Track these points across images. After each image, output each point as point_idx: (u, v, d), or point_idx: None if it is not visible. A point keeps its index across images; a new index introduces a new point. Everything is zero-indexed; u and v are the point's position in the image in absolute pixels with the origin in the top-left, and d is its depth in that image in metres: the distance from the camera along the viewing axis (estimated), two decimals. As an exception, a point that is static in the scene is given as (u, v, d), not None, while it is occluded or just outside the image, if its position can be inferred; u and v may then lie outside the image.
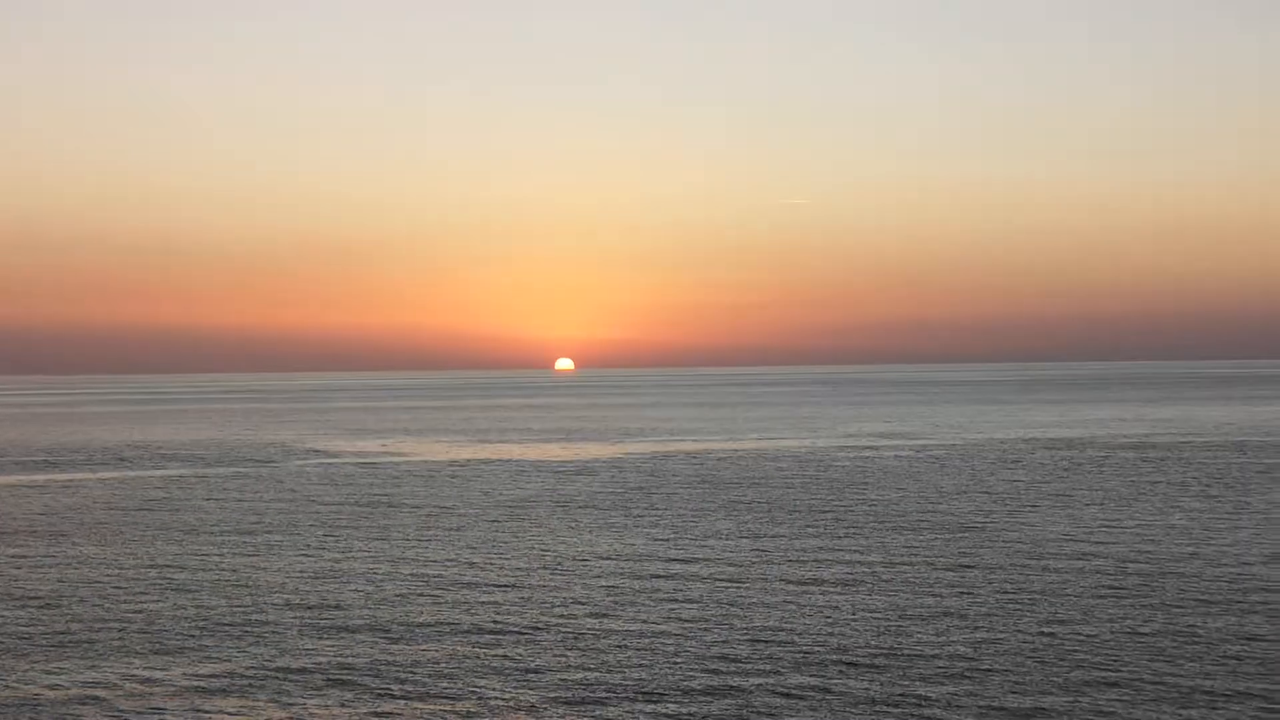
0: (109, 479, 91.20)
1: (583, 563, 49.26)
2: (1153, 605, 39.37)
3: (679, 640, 35.49)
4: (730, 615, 38.80)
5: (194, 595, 43.56)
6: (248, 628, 37.98)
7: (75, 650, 35.32)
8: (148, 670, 33.04)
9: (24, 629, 38.28)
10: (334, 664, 33.35)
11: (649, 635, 36.16)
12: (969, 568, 46.82)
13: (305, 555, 52.42)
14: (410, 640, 36.04)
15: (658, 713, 28.69)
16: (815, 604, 40.38)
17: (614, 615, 39.07)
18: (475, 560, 50.36)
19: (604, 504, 70.00)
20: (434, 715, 28.74)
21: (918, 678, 31.15)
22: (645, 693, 30.13)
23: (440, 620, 38.61)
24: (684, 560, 49.60)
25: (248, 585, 45.37)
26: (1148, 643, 34.41)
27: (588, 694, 30.13)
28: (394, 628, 37.66)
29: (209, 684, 31.59)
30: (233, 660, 33.95)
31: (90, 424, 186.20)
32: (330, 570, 48.37)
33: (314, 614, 39.92)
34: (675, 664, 32.87)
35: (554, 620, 38.39)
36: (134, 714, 29.25)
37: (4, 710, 29.61)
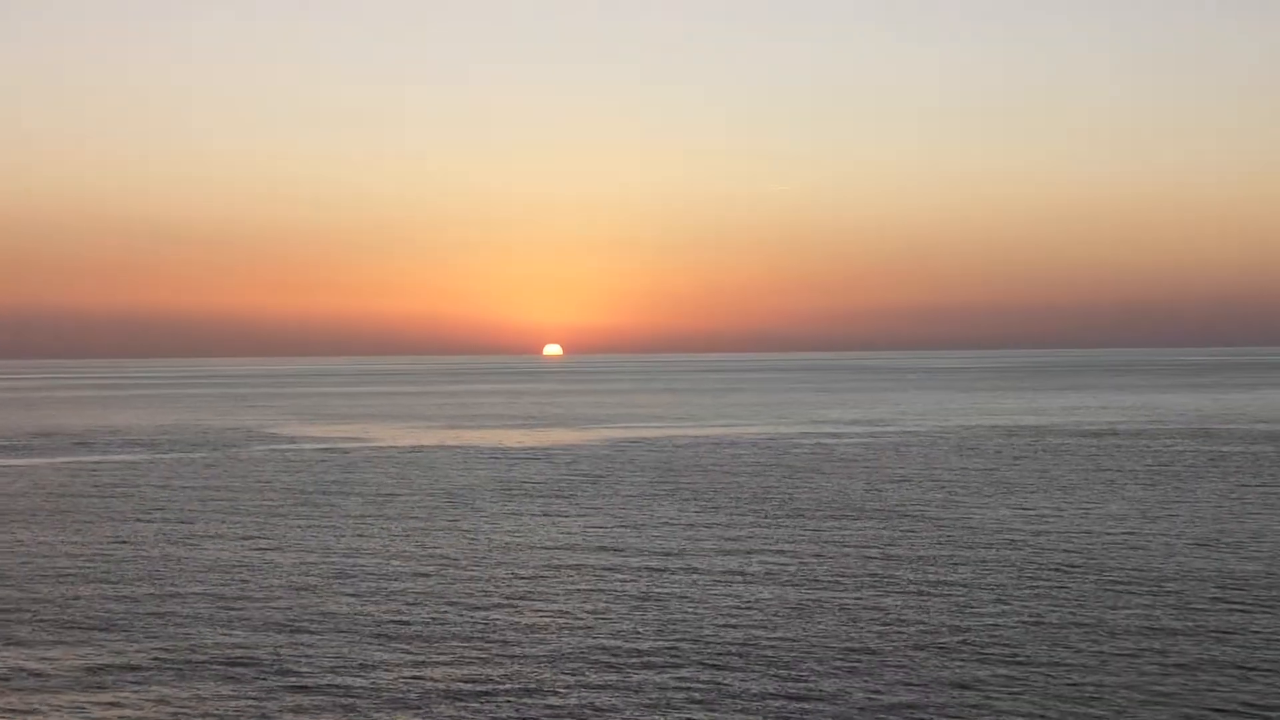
0: (63, 464, 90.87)
1: (508, 551, 49.11)
2: (1066, 595, 39.29)
3: (581, 633, 35.36)
4: (642, 606, 38.67)
5: (114, 583, 43.34)
6: (158, 615, 37.78)
7: (-24, 638, 35.11)
8: (45, 657, 32.84)
9: (-69, 616, 38.06)
10: (233, 654, 33.15)
11: (552, 628, 36.04)
12: (894, 556, 46.72)
13: (236, 542, 52.23)
14: (314, 630, 35.84)
15: (539, 705, 28.56)
16: (729, 594, 40.26)
17: (523, 606, 38.94)
18: (402, 549, 50.20)
19: (549, 491, 69.87)
20: (318, 707, 28.59)
21: (809, 671, 31.00)
22: (529, 689, 29.97)
23: (350, 611, 38.42)
24: (612, 549, 49.48)
25: (171, 572, 45.18)
26: (1050, 633, 34.32)
27: (474, 688, 29.98)
28: (302, 618, 37.47)
29: (103, 671, 31.40)
30: (134, 648, 33.74)
31: (61, 408, 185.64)
32: (256, 559, 48.17)
33: (227, 602, 39.75)
34: (570, 657, 32.74)
35: (460, 611, 38.23)
36: (20, 702, 29.07)
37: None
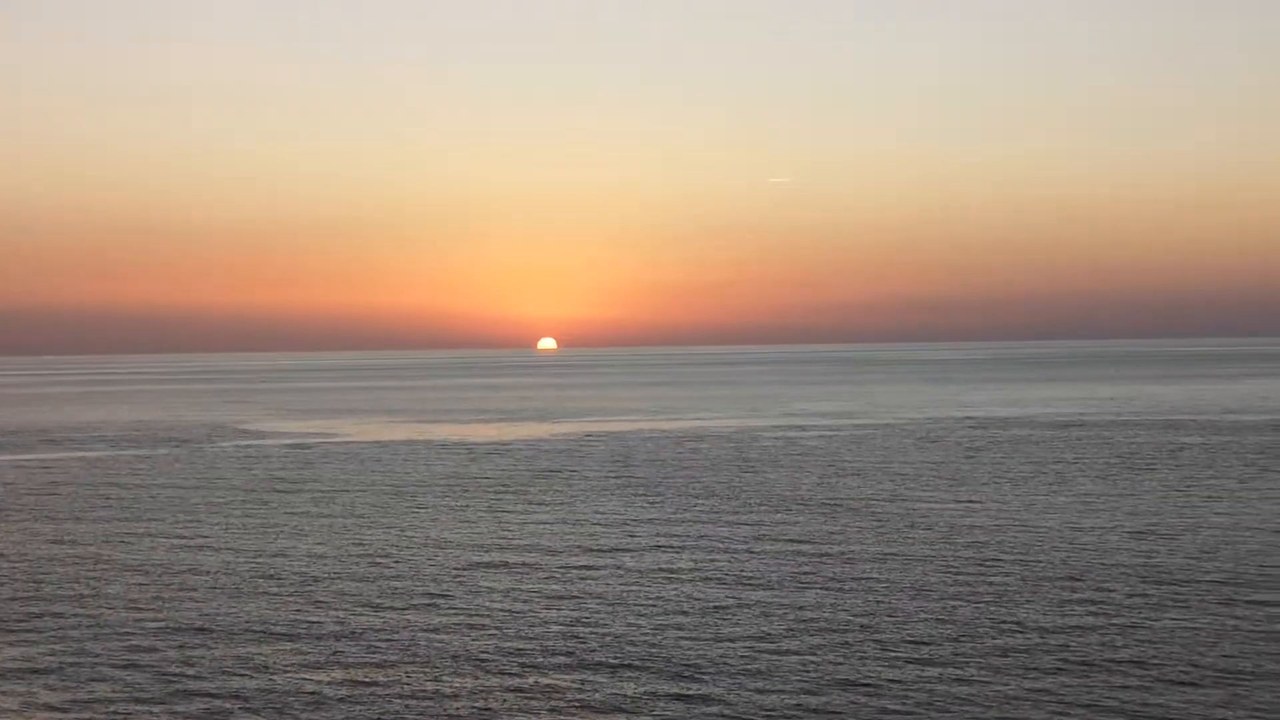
0: (22, 460, 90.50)
1: (438, 549, 48.72)
2: (985, 590, 38.97)
3: (487, 633, 35.07)
4: (556, 605, 38.35)
5: (32, 583, 42.98)
6: (64, 617, 37.47)
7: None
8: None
9: None
10: (131, 657, 32.82)
11: (458, 628, 35.74)
12: (824, 552, 46.32)
13: (170, 540, 51.88)
14: (218, 632, 35.50)
15: (422, 709, 28.28)
16: (647, 592, 39.92)
17: (436, 606, 38.62)
18: (333, 548, 49.85)
19: (498, 486, 69.56)
20: (205, 712, 28.32)
21: (703, 672, 30.67)
22: (417, 692, 29.69)
23: (261, 612, 38.08)
24: (543, 546, 49.16)
25: (92, 573, 44.84)
26: (959, 630, 34.01)
27: (362, 691, 29.69)
28: (212, 619, 37.12)
29: (-8, 673, 31.14)
30: (35, 650, 33.42)
31: (40, 405, 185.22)
32: (184, 559, 47.80)
33: (139, 604, 39.44)
34: (468, 658, 32.44)
35: (373, 612, 37.88)
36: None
37: None
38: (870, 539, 48.84)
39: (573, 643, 33.20)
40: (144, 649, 33.37)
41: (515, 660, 31.59)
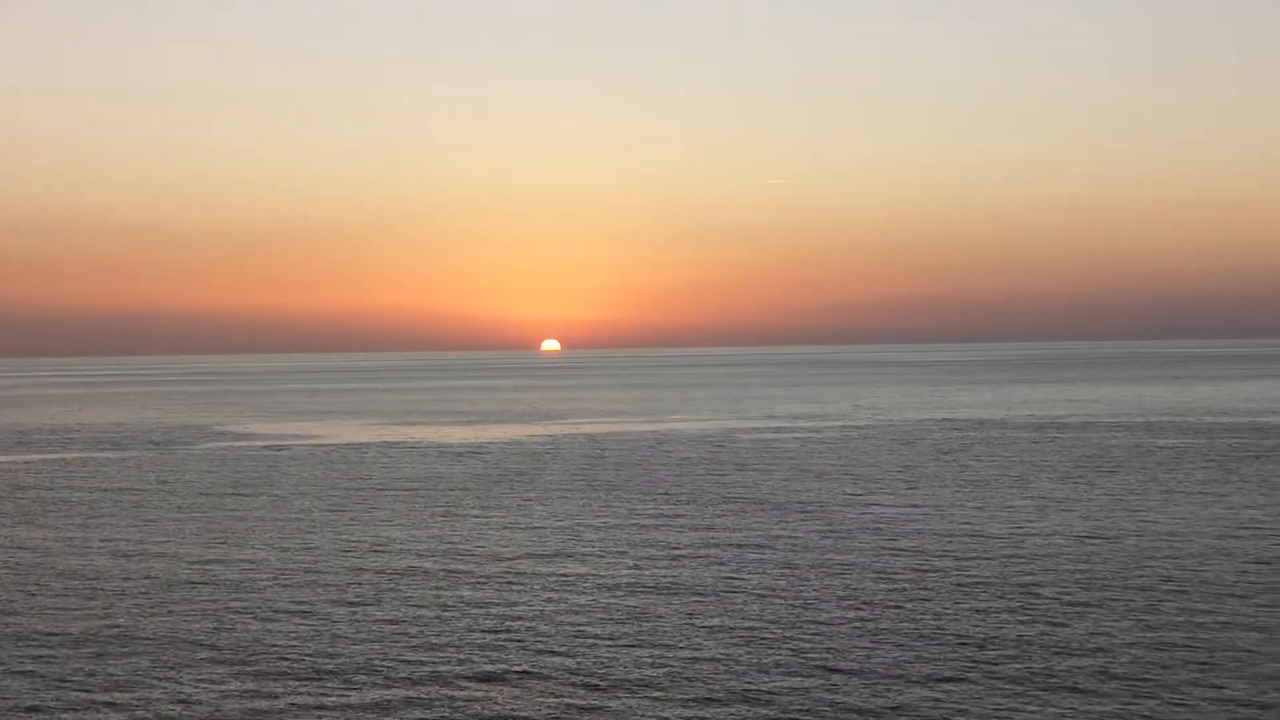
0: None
1: (379, 554, 48.20)
2: (915, 595, 38.59)
3: (390, 644, 34.75)
4: (469, 614, 38.02)
5: (-38, 586, 42.72)
6: (-15, 621, 37.19)
7: None
8: None
9: None
10: (27, 669, 32.55)
11: (369, 638, 35.42)
12: (764, 559, 45.90)
13: (113, 544, 51.51)
14: (132, 643, 35.16)
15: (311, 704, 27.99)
16: (570, 601, 39.57)
17: (352, 617, 38.27)
18: (271, 553, 49.50)
19: (461, 489, 69.21)
20: None
21: (598, 685, 30.37)
22: (309, 706, 29.42)
23: (182, 625, 37.74)
24: (481, 553, 48.79)
25: (20, 580, 44.51)
26: (874, 635, 33.67)
27: (248, 705, 29.41)
28: (129, 630, 36.74)
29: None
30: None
31: (24, 407, 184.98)
32: (116, 567, 47.37)
33: (57, 613, 39.11)
34: (366, 669, 32.15)
35: (284, 621, 37.58)
36: None
37: None
38: (813, 543, 48.46)
39: (486, 652, 32.86)
40: (54, 659, 33.03)
41: (423, 669, 31.25)
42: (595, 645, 33.09)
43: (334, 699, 28.81)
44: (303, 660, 32.17)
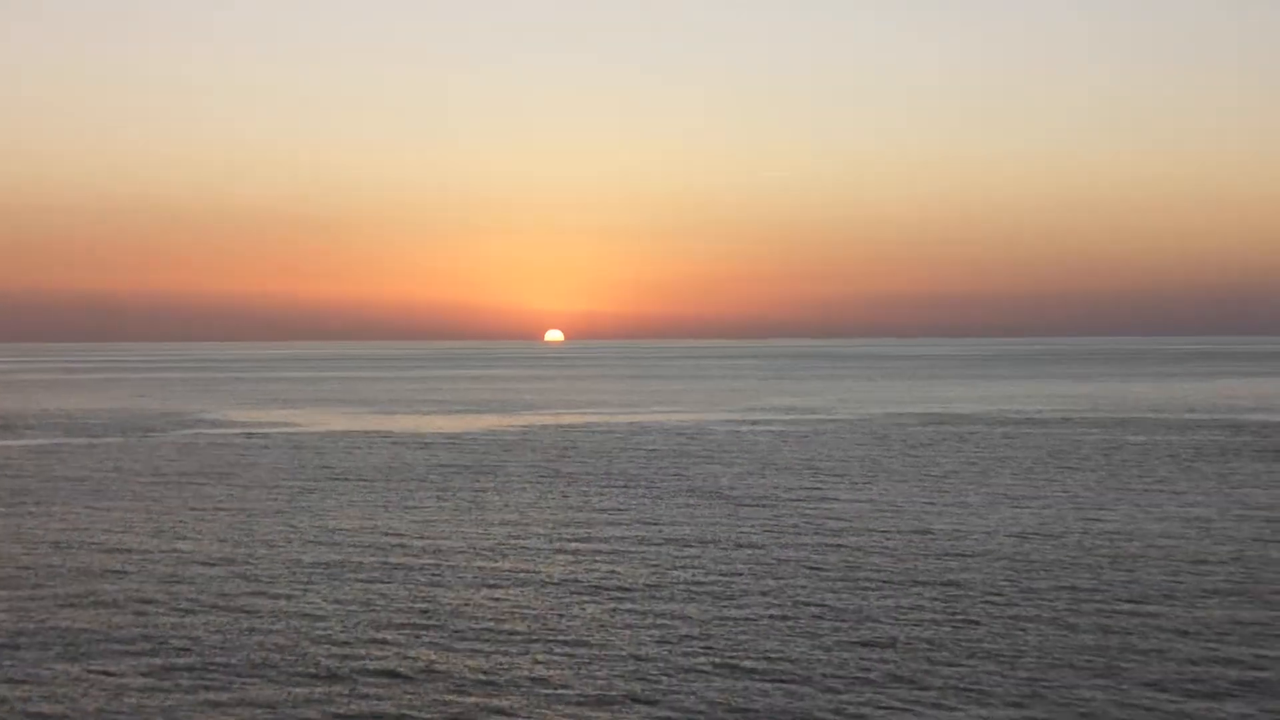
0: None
1: (319, 545, 47.86)
2: (845, 591, 38.29)
3: (304, 642, 34.51)
4: (390, 608, 37.81)
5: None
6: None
7: None
8: None
9: None
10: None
11: (284, 632, 35.18)
12: (701, 555, 45.60)
13: (54, 532, 51.26)
14: (45, 640, 34.98)
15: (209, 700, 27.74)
16: (496, 597, 39.36)
17: (274, 611, 38.01)
18: (213, 544, 49.22)
19: (422, 479, 68.90)
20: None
21: (495, 680, 30.09)
22: (209, 703, 29.17)
23: (100, 621, 37.54)
24: (421, 545, 48.52)
25: (-43, 564, 44.34)
26: (788, 635, 33.38)
27: (141, 702, 29.17)
28: (45, 624, 36.55)
29: None
30: None
31: (6, 392, 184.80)
32: (50, 558, 47.21)
33: (-15, 595, 38.93)
34: (275, 665, 31.91)
35: (205, 614, 37.34)
36: None
37: None
38: (754, 539, 48.11)
39: (392, 649, 32.59)
40: (-40, 647, 32.81)
41: (324, 666, 30.97)
42: (505, 643, 32.81)
43: (228, 695, 28.53)
44: (206, 654, 31.89)
